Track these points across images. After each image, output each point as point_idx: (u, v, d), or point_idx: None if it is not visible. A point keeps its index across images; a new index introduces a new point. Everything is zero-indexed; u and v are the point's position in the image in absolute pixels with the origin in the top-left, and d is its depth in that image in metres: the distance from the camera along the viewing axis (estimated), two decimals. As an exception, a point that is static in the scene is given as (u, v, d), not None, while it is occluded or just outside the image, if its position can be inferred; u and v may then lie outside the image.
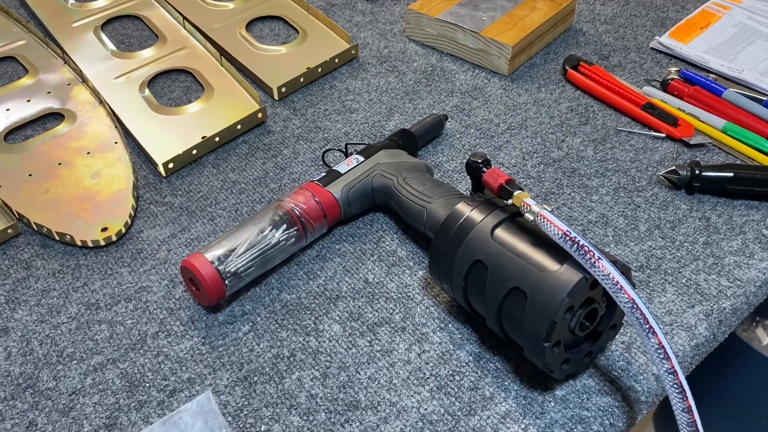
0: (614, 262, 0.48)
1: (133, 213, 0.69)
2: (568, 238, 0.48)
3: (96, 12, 0.99)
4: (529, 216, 0.51)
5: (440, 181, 0.65)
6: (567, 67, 0.85)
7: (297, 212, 0.62)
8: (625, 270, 0.50)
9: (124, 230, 0.67)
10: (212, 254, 0.58)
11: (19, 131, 0.80)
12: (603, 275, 0.46)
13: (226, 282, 0.58)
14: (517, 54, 0.85)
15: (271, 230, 0.61)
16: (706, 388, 1.25)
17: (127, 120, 0.79)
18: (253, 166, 0.75)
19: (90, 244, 0.66)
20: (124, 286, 0.62)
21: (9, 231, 0.67)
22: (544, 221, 0.49)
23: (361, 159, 0.68)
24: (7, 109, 0.82)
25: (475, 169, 0.57)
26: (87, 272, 0.64)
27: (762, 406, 1.19)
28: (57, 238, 0.66)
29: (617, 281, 0.46)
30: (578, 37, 0.93)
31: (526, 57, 0.88)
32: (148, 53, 0.91)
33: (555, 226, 0.49)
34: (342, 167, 0.67)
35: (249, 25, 0.96)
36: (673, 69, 0.83)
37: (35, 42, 0.93)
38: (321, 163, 0.74)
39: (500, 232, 0.53)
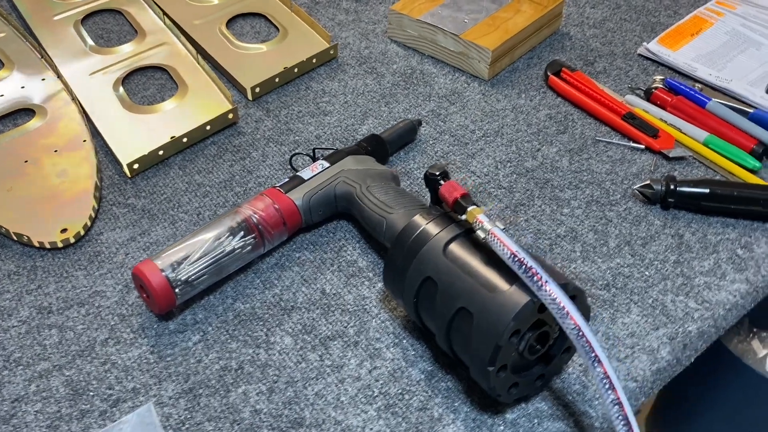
0: (564, 285, 0.46)
1: (93, 215, 0.68)
2: (516, 258, 0.46)
3: (79, 5, 0.98)
4: (480, 233, 0.49)
5: (404, 190, 0.64)
6: (549, 73, 0.82)
7: (255, 219, 0.61)
8: (577, 293, 0.48)
9: (82, 232, 0.66)
10: (163, 261, 0.57)
11: (-11, 127, 0.79)
12: (550, 299, 0.44)
13: (177, 291, 0.57)
14: (498, 58, 0.83)
15: (227, 237, 0.59)
16: (696, 401, 1.23)
17: (96, 118, 0.78)
18: (220, 168, 0.73)
19: (47, 246, 0.65)
20: (78, 290, 0.61)
21: (-32, 230, 0.66)
22: (494, 239, 0.48)
23: (327, 165, 0.67)
24: (-21, 105, 0.82)
25: (432, 181, 0.55)
26: (42, 274, 0.63)
27: (755, 422, 1.17)
28: (15, 238, 0.66)
29: (563, 306, 0.44)
30: (564, 41, 0.90)
31: (509, 61, 0.86)
32: (126, 49, 0.90)
33: (504, 245, 0.47)
34: (306, 173, 0.66)
35: (230, 22, 0.94)
36: (658, 77, 0.81)
37: (15, 35, 0.92)
38: (289, 167, 0.73)
39: (453, 248, 0.51)
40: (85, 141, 0.76)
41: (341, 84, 0.84)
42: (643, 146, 0.73)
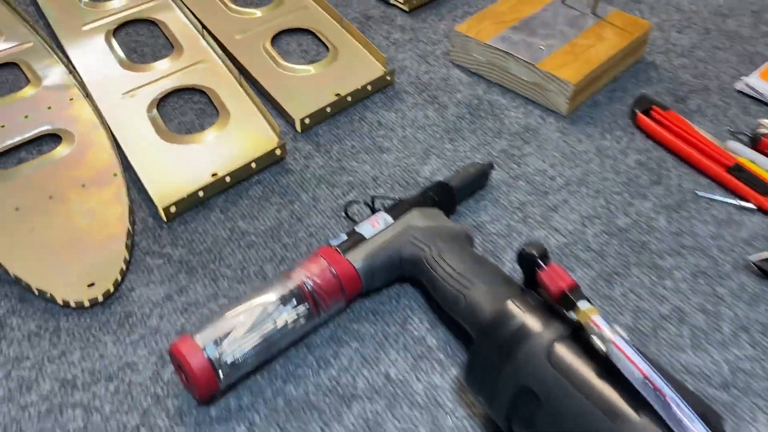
0: (703, 415, 0.37)
1: (124, 267, 0.60)
2: (649, 384, 0.37)
3: (110, 13, 0.90)
4: (597, 342, 0.40)
5: (482, 257, 0.55)
6: (637, 111, 0.73)
7: (309, 286, 0.52)
8: (714, 417, 0.39)
9: (112, 289, 0.58)
10: (204, 338, 0.49)
11: (12, 153, 0.71)
12: (693, 440, 0.35)
13: (220, 375, 0.49)
14: (579, 91, 0.74)
15: (277, 309, 0.51)
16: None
17: (128, 147, 0.70)
18: (266, 213, 0.65)
19: (72, 305, 0.57)
20: (106, 361, 0.54)
21: (-16, 281, 0.59)
22: (617, 354, 0.39)
23: (390, 220, 0.58)
24: (2, 126, 0.74)
25: (529, 262, 0.46)
26: (67, 338, 0.55)
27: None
28: (36, 293, 0.58)
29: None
30: (650, 71, 0.80)
31: (589, 94, 0.77)
32: (161, 66, 0.81)
33: (632, 363, 0.38)
34: (366, 229, 0.57)
35: (275, 38, 0.86)
36: (765, 121, 0.71)
37: (42, 46, 0.85)
38: (343, 215, 0.64)
39: (560, 354, 0.42)
40: (116, 175, 0.68)
41: (399, 115, 0.75)
42: (753, 206, 0.64)
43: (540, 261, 0.46)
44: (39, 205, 0.65)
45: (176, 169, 0.68)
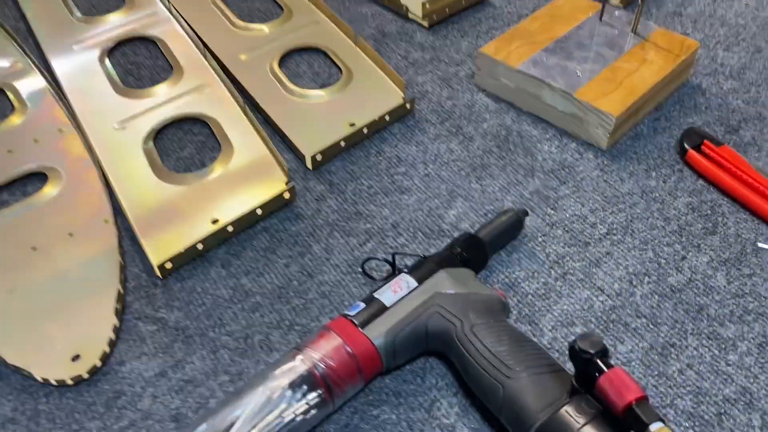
0: None
1: (113, 337, 0.53)
2: None
3: (105, 31, 0.83)
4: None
5: (522, 335, 0.47)
6: (687, 146, 0.65)
7: (321, 370, 0.46)
8: None
9: (99, 364, 0.51)
10: None
11: (-7, 196, 0.65)
12: None
13: None
14: (622, 124, 0.66)
15: (284, 399, 0.44)
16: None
17: (121, 189, 0.63)
18: (274, 268, 0.58)
19: (54, 383, 0.50)
20: (91, 451, 0.47)
21: (-43, 352, 0.52)
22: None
23: (413, 283, 0.51)
24: (-17, 163, 0.67)
25: (583, 361, 0.39)
26: (47, 424, 0.49)
27: None
28: (13, 369, 0.51)
29: None
30: (697, 96, 0.72)
31: (631, 125, 0.69)
32: (160, 91, 0.74)
33: None
34: (387, 295, 0.50)
35: (284, 58, 0.78)
36: (834, 159, 0.63)
37: (30, 68, 0.78)
38: (360, 270, 0.57)
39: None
40: (107, 221, 0.61)
41: (420, 149, 0.68)
42: (826, 262, 0.56)
43: (599, 362, 0.39)
44: (21, 258, 0.58)
45: (173, 216, 0.61)
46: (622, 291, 0.55)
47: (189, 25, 0.82)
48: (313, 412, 0.45)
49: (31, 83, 0.76)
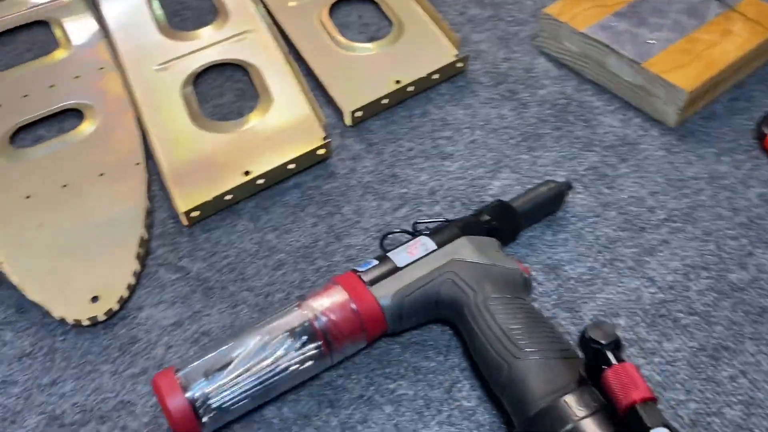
0: None
1: (133, 282, 0.52)
2: None
3: (155, -31, 0.80)
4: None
5: (539, 315, 0.43)
6: (766, 131, 0.58)
7: (322, 323, 0.43)
8: None
9: (116, 308, 0.50)
10: (190, 375, 0.41)
11: (31, 129, 0.64)
12: None
13: (203, 419, 0.41)
14: (694, 100, 0.60)
15: (282, 346, 0.43)
16: None
17: (156, 132, 0.61)
18: (301, 226, 0.55)
19: (70, 322, 0.50)
20: (101, 396, 0.46)
21: (-19, 284, 0.52)
22: None
23: (431, 246, 0.47)
24: (25, 96, 0.67)
25: (592, 350, 0.36)
26: (61, 362, 0.48)
27: None
28: (32, 304, 0.51)
29: None
30: (785, 76, 0.65)
31: (705, 102, 0.62)
32: (203, 34, 0.72)
33: None
34: (401, 257, 0.47)
35: (334, 6, 0.74)
36: None
37: (79, 3, 0.76)
38: (380, 245, 0.54)
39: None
40: (138, 164, 0.60)
41: (469, 112, 0.63)
42: None
43: (609, 354, 0.35)
44: (51, 195, 0.58)
45: (205, 164, 0.59)
46: (676, 284, 0.50)
47: (240, -34, 0.78)
48: (309, 363, 0.43)
49: (78, 19, 0.74)
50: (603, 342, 0.36)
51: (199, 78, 0.67)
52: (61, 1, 0.76)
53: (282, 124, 0.61)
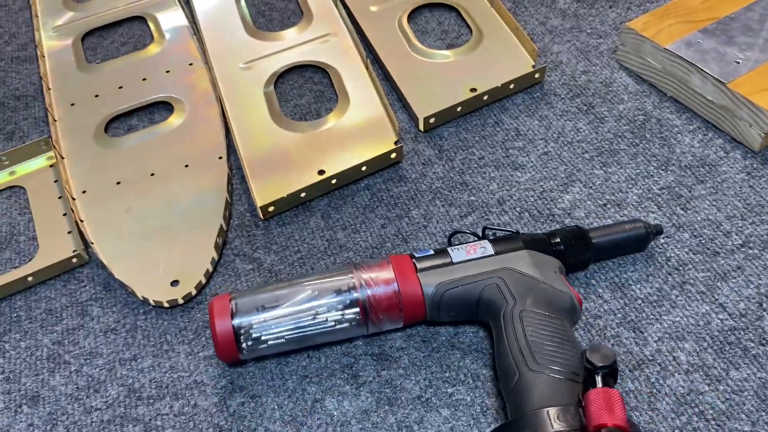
0: None
1: (211, 269, 0.55)
2: None
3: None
4: None
5: (571, 338, 0.43)
6: None
7: (364, 293, 0.47)
8: None
9: (194, 292, 0.53)
10: (242, 304, 0.46)
11: (124, 119, 0.69)
12: None
13: (243, 346, 0.46)
14: (782, 124, 0.58)
15: (325, 303, 0.47)
16: None
17: (239, 128, 0.64)
18: (370, 227, 0.57)
19: (152, 303, 0.53)
20: (176, 374, 0.49)
21: (74, 260, 0.56)
22: None
23: (490, 251, 0.48)
24: (120, 87, 0.71)
25: (587, 372, 0.37)
26: (141, 340, 0.52)
27: None
28: (118, 283, 0.55)
29: None
30: None
31: (794, 126, 0.60)
32: (287, 35, 0.75)
33: None
34: (458, 253, 0.49)
35: (414, 13, 0.76)
36: None
37: (173, 1, 0.81)
38: (446, 241, 0.55)
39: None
40: (221, 158, 0.63)
41: (543, 124, 0.63)
42: None
43: (598, 378, 0.35)
44: (140, 182, 0.62)
45: (282, 161, 0.61)
46: (748, 312, 0.49)
47: (326, -30, 0.81)
48: (344, 325, 0.47)
49: (172, 15, 0.79)
50: (598, 365, 0.36)
51: (280, 78, 0.70)
52: (157, -2, 0.81)
53: (357, 127, 0.63)
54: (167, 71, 0.72)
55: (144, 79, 0.72)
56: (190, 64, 0.73)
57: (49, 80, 0.72)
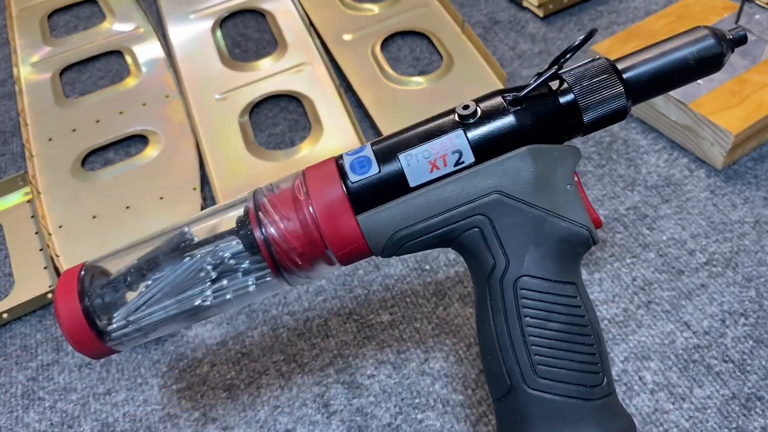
0: None
1: (184, 301, 0.55)
2: None
3: (221, 1, 0.85)
4: None
5: (584, 321, 0.33)
6: (819, 176, 0.57)
7: (266, 233, 0.33)
8: None
9: (167, 325, 0.54)
10: (92, 273, 0.36)
11: (100, 153, 0.69)
12: None
13: (107, 338, 0.35)
14: (742, 143, 0.59)
15: (205, 262, 0.34)
16: None
17: (212, 159, 0.65)
18: (343, 255, 0.58)
19: (126, 337, 0.53)
20: (149, 408, 0.50)
21: (50, 296, 0.57)
22: None
23: (469, 159, 0.33)
24: (97, 121, 0.72)
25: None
26: (116, 374, 0.52)
27: None
28: (94, 318, 0.55)
29: None
30: (844, 118, 0.63)
31: (755, 145, 0.61)
32: (263, 65, 0.76)
33: None
34: (416, 168, 0.33)
35: (386, 41, 0.77)
36: None
37: (150, 34, 0.82)
38: (425, 267, 0.56)
39: None
40: (195, 189, 0.64)
41: (512, 148, 0.65)
42: None
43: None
44: (116, 216, 0.62)
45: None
46: (711, 330, 0.50)
47: (300, 1, 0.82)
48: (251, 288, 0.35)
49: (149, 49, 0.80)
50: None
51: (255, 107, 0.71)
52: (136, 31, 0.82)
53: (330, 154, 0.64)
54: (143, 104, 0.73)
55: (121, 113, 0.73)
56: (166, 96, 0.74)
57: (27, 115, 0.73)
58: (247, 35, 0.81)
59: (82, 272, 0.36)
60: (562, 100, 0.34)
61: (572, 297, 0.33)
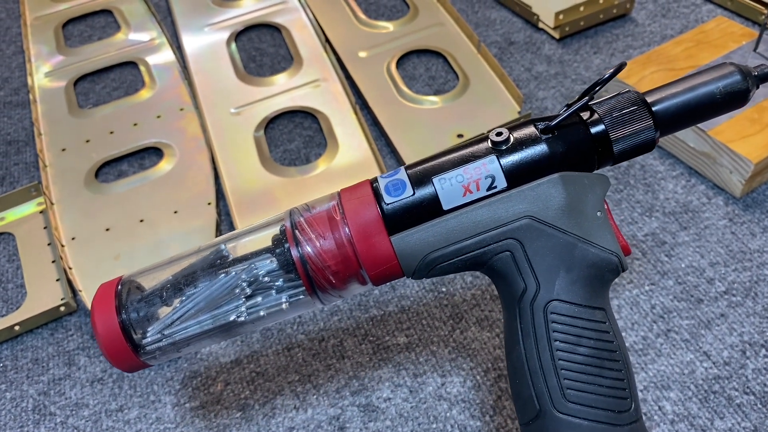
0: None
1: (198, 318, 0.55)
2: None
3: (237, 15, 0.85)
4: None
5: (611, 347, 0.33)
6: (838, 206, 0.57)
7: (302, 252, 0.34)
8: None
9: (181, 342, 0.53)
10: (128, 291, 0.36)
11: (114, 164, 0.69)
12: None
13: (141, 352, 0.36)
14: (761, 171, 0.59)
15: (240, 279, 0.35)
16: None
17: (227, 174, 0.65)
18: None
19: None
20: (162, 426, 0.49)
21: (62, 309, 0.56)
22: None
23: (501, 184, 0.33)
24: (111, 132, 0.72)
25: None
26: (128, 390, 0.51)
27: None
28: (107, 333, 0.55)
29: None
30: None
31: (773, 173, 0.61)
32: (278, 81, 0.76)
33: None
34: (450, 191, 0.34)
35: (402, 59, 0.77)
36: None
37: (165, 45, 0.82)
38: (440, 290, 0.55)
39: None
40: (209, 204, 0.63)
41: (529, 170, 0.64)
42: None
43: None
44: (129, 228, 0.62)
45: (272, 207, 0.62)
46: (732, 360, 0.49)
47: (315, 16, 0.83)
48: (284, 306, 0.36)
49: (164, 60, 0.80)
50: None
51: (270, 123, 0.71)
52: (151, 43, 0.82)
53: (346, 171, 0.64)
54: (158, 116, 0.73)
55: (135, 124, 0.73)
56: (181, 109, 0.74)
57: (41, 125, 0.73)
58: (262, 50, 0.81)
59: (119, 286, 0.36)
60: (593, 130, 0.35)
61: (602, 323, 0.33)
